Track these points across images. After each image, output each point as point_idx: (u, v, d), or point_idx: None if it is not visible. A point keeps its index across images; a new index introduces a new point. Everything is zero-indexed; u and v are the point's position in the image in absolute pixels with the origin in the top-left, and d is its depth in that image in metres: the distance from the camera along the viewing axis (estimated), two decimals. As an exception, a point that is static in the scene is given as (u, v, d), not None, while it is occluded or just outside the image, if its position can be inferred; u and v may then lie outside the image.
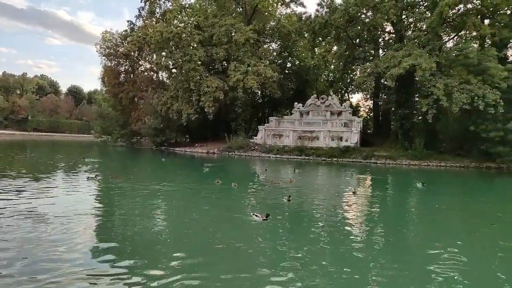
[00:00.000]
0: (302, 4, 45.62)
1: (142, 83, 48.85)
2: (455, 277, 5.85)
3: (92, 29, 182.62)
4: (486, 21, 31.04)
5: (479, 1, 28.56)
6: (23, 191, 11.65)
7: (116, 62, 49.97)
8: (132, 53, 47.36)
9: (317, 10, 39.24)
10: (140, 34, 43.54)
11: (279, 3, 46.95)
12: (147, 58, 50.42)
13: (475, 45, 30.59)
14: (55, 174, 16.83)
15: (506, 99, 26.69)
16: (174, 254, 6.40)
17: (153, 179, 16.66)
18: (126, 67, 51.07)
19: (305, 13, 44.38)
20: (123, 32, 49.80)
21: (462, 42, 30.93)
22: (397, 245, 7.74)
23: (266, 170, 22.49)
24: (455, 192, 16.82)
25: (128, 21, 51.77)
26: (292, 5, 46.39)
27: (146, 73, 51.40)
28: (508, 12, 29.23)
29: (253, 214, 8.97)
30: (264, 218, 8.68)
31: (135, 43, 43.69)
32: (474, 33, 30.28)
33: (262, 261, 6.31)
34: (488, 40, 30.28)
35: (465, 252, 7.17)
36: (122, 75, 51.10)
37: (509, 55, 31.08)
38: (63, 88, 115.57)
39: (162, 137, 44.42)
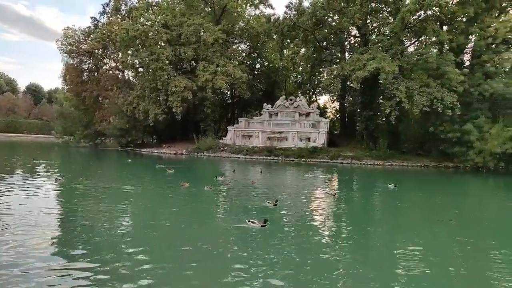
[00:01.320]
0: (270, 6, 46.13)
1: (107, 82, 47.32)
2: (416, 270, 6.14)
3: (53, 25, 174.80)
4: (445, 28, 32.61)
5: (438, 8, 29.89)
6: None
7: (78, 59, 48.02)
8: (96, 50, 45.77)
9: (285, 12, 39.82)
10: (104, 31, 42.23)
11: (248, 4, 47.05)
12: (112, 56, 48.93)
13: (434, 50, 32.04)
14: (13, 176, 15.93)
15: (462, 102, 28.19)
16: (139, 256, 6.37)
17: (119, 181, 16.19)
18: (90, 65, 49.23)
19: (273, 15, 44.94)
20: (86, 29, 48.11)
21: (422, 47, 32.34)
22: (362, 242, 7.99)
23: (234, 171, 22.42)
24: (417, 190, 17.56)
25: (91, 18, 50.04)
26: (261, 6, 46.67)
27: (111, 72, 49.80)
28: (464, 19, 30.85)
29: (249, 221, 8.60)
30: (263, 224, 8.35)
31: (99, 40, 42.27)
32: (434, 39, 31.69)
33: (229, 262, 6.31)
34: (446, 46, 31.76)
35: (426, 247, 7.54)
36: (85, 73, 49.23)
37: (466, 60, 32.84)
38: (21, 86, 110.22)
39: (128, 138, 43.20)
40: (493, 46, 29.61)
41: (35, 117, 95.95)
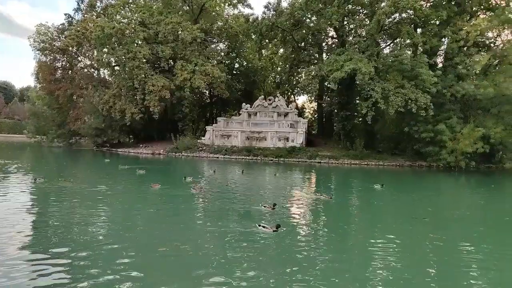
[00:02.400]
0: (249, 6, 45.94)
1: (82, 80, 46.02)
2: (390, 265, 6.26)
3: (25, 21, 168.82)
4: (419, 30, 33.40)
5: (412, 11, 30.60)
6: None
7: (52, 57, 46.53)
8: (70, 48, 44.42)
9: (264, 13, 39.88)
10: (79, 28, 41.05)
11: (227, 4, 46.79)
12: (87, 54, 47.66)
13: (409, 52, 32.81)
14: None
15: (435, 103, 28.97)
16: (115, 256, 6.38)
17: (95, 181, 15.79)
18: (64, 63, 47.78)
19: (252, 14, 44.94)
20: (60, 26, 46.69)
21: (397, 49, 33.08)
22: (339, 240, 8.09)
23: (214, 171, 22.08)
24: (392, 189, 17.90)
25: (65, 14, 48.52)
26: (239, 6, 46.51)
27: (85, 70, 48.50)
28: (437, 22, 31.72)
29: (260, 226, 8.33)
30: (274, 229, 8.09)
31: (74, 37, 41.05)
32: (408, 41, 32.43)
33: (206, 262, 6.27)
34: (420, 48, 32.55)
35: (401, 244, 7.75)
36: (59, 71, 47.72)
37: (439, 62, 33.79)
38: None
39: (103, 138, 42.19)
40: (465, 48, 30.59)
41: (6, 116, 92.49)
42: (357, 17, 34.60)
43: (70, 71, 47.61)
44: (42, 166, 24.36)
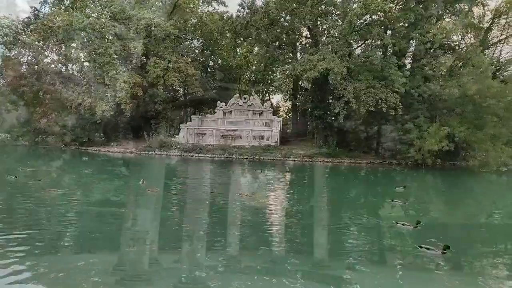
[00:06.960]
0: (223, 3, 45.60)
1: (49, 76, 44.12)
2: (363, 260, 6.50)
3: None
4: (388, 32, 34.42)
5: (382, 14, 31.48)
6: None
7: (16, 51, 44.40)
8: (37, 42, 42.51)
9: (238, 11, 39.75)
10: (45, 22, 39.33)
11: (201, 0, 46.33)
12: (54, 49, 45.69)
13: (379, 53, 33.76)
14: None
15: (404, 103, 29.99)
16: (77, 259, 6.18)
17: (65, 182, 15.33)
18: (29, 58, 45.68)
19: (226, 12, 44.64)
20: (26, 19, 44.55)
21: (368, 50, 33.96)
22: (311, 234, 8.31)
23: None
24: (361, 186, 18.48)
25: (31, 7, 46.37)
26: (214, 3, 46.10)
27: (53, 65, 46.53)
28: (406, 25, 32.80)
29: (423, 247, 7.43)
30: (443, 251, 7.18)
31: (40, 31, 39.35)
32: (378, 42, 33.38)
33: (175, 261, 6.26)
34: (389, 49, 33.51)
35: (370, 240, 7.99)
36: (24, 66, 45.57)
37: (407, 63, 34.98)
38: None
39: (72, 136, 40.81)
40: (431, 50, 31.83)
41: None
42: (330, 18, 35.18)
43: (36, 67, 45.55)
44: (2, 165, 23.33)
